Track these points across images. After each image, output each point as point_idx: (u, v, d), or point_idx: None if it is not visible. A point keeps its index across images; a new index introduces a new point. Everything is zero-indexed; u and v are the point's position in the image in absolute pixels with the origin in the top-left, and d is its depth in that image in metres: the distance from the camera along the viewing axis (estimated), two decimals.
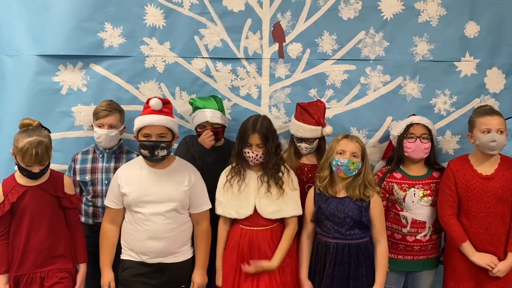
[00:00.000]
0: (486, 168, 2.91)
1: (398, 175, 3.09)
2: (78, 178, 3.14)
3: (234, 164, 2.90)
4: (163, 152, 2.78)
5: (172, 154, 2.93)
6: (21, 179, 2.74)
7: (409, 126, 3.10)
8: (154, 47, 3.35)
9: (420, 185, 3.06)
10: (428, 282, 3.15)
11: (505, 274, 2.87)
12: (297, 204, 2.88)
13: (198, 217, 2.91)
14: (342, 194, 2.85)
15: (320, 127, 3.14)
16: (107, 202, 2.90)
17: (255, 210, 2.84)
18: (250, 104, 3.44)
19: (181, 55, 3.37)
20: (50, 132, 2.78)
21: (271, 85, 3.43)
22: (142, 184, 2.82)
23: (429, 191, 3.05)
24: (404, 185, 3.05)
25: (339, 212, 2.79)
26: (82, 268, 2.89)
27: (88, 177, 3.14)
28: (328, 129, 3.15)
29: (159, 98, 2.82)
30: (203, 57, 3.38)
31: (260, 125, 2.83)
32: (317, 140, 3.16)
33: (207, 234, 2.94)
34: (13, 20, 3.25)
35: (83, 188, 3.17)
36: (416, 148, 3.05)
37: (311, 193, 2.91)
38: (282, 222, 2.89)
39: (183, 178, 2.86)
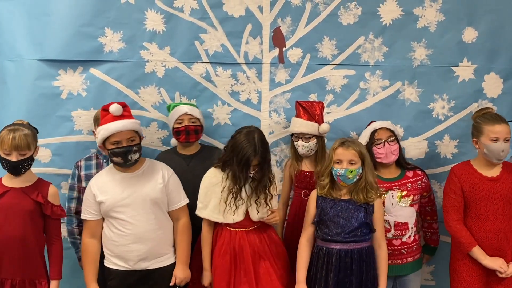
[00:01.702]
0: (491, 171, 2.92)
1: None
2: (84, 184, 3.09)
3: (232, 182, 2.84)
4: (136, 155, 2.80)
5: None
6: (7, 180, 2.72)
7: (373, 132, 3.12)
8: (154, 52, 3.35)
9: (397, 187, 3.08)
10: (417, 284, 3.18)
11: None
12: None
13: (178, 213, 2.92)
14: (346, 196, 2.84)
15: (316, 124, 3.15)
16: (84, 216, 2.86)
17: (246, 214, 2.86)
18: (250, 109, 3.45)
19: (181, 60, 3.38)
20: (37, 132, 2.79)
21: (271, 90, 3.45)
22: (117, 189, 2.81)
23: (406, 192, 3.08)
24: (381, 189, 3.04)
25: (344, 213, 2.79)
26: (53, 285, 2.78)
27: None
28: (324, 126, 3.16)
29: (117, 103, 2.80)
30: (203, 62, 3.39)
31: (260, 146, 2.77)
32: (315, 141, 3.16)
33: (188, 229, 2.94)
34: (15, 25, 3.25)
35: None
36: (386, 152, 3.07)
37: (313, 196, 2.90)
38: None
39: (157, 176, 2.87)
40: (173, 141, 3.33)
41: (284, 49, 3.42)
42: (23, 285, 2.71)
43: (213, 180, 2.87)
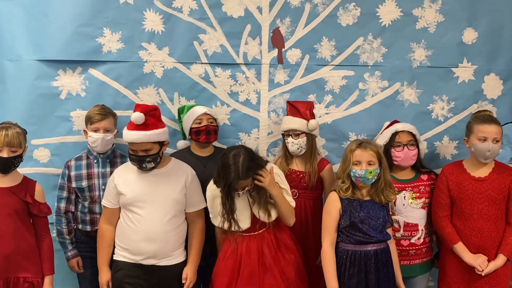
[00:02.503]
0: (480, 172, 2.94)
1: None
2: (74, 185, 3.11)
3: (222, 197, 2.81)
4: (150, 165, 2.83)
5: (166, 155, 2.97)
6: None
7: (395, 134, 3.12)
8: (153, 52, 3.35)
9: (410, 188, 3.09)
10: (423, 286, 3.18)
11: (493, 274, 2.89)
12: (289, 197, 2.88)
13: (194, 215, 2.95)
14: (367, 197, 2.81)
15: (305, 120, 3.14)
16: (104, 202, 2.94)
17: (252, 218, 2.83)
18: (249, 109, 3.45)
19: (180, 61, 3.37)
20: (26, 133, 2.81)
21: (270, 91, 3.44)
22: (139, 185, 2.85)
23: (418, 194, 3.09)
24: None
25: (372, 214, 2.75)
26: (47, 280, 2.79)
27: (84, 183, 3.12)
28: (312, 122, 3.13)
29: (142, 109, 2.77)
30: (202, 63, 3.39)
31: (245, 170, 2.67)
32: (305, 138, 3.13)
33: (202, 232, 2.98)
34: (14, 25, 3.25)
35: (79, 194, 3.14)
36: (405, 157, 3.08)
37: (334, 199, 2.79)
38: (274, 220, 2.86)
39: (180, 178, 2.90)
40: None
41: (283, 49, 3.42)
42: (17, 283, 2.71)
43: (214, 193, 2.85)
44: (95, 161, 3.16)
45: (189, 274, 2.91)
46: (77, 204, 3.17)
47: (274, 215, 2.83)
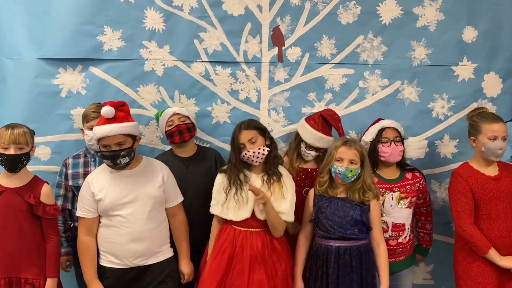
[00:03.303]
0: (490, 171, 2.92)
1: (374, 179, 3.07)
2: (71, 183, 3.10)
3: (230, 171, 2.89)
4: (125, 160, 2.77)
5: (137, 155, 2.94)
6: (2, 180, 2.73)
7: (381, 130, 3.12)
8: (153, 50, 3.36)
9: (397, 188, 3.09)
10: (410, 279, 3.21)
11: None
12: (290, 210, 2.85)
13: (174, 210, 2.95)
14: (342, 194, 2.87)
15: (332, 138, 3.17)
16: (79, 213, 2.83)
17: (253, 212, 2.84)
18: (249, 107, 3.45)
19: (181, 59, 3.38)
20: (34, 134, 2.82)
21: (270, 89, 3.45)
22: (116, 187, 2.80)
23: (405, 194, 3.09)
24: (381, 189, 3.06)
25: (340, 211, 2.81)
26: (49, 283, 2.76)
27: (81, 182, 3.06)
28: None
29: (111, 104, 2.76)
30: (202, 61, 3.39)
31: (247, 123, 2.89)
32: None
33: (185, 225, 2.99)
34: (14, 23, 3.26)
35: (76, 192, 3.10)
36: (392, 152, 3.08)
37: (311, 194, 2.93)
38: None
39: (156, 174, 2.88)
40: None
41: (283, 48, 3.42)
42: (19, 284, 2.71)
43: (224, 180, 2.89)
44: (93, 159, 3.15)
45: (185, 269, 2.94)
46: (74, 202, 3.14)
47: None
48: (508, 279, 2.89)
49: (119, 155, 2.74)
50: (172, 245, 2.98)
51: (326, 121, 3.17)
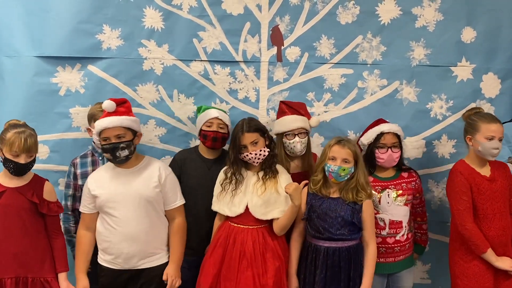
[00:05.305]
0: (485, 170, 2.96)
1: (370, 178, 3.07)
2: (80, 182, 3.09)
3: (229, 168, 2.94)
4: (124, 152, 2.77)
5: (139, 153, 2.94)
6: (3, 180, 2.72)
7: (380, 135, 3.10)
8: (152, 49, 3.35)
9: (392, 186, 3.10)
10: (410, 281, 3.20)
11: None
12: (285, 205, 2.86)
13: (173, 212, 2.93)
14: (335, 194, 2.88)
15: (306, 118, 3.16)
16: (81, 208, 2.89)
17: (247, 209, 2.86)
18: (248, 107, 3.45)
19: (180, 58, 3.37)
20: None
21: (269, 88, 3.45)
22: (112, 185, 2.82)
23: (401, 191, 3.09)
24: (377, 187, 3.07)
25: (331, 211, 2.82)
26: (61, 277, 2.79)
27: None
28: (315, 119, 3.19)
29: (113, 100, 2.79)
30: (201, 60, 3.39)
31: (248, 125, 2.89)
32: (307, 137, 3.14)
33: (182, 229, 2.95)
34: (13, 21, 3.25)
35: None
36: (388, 159, 3.08)
37: (304, 193, 2.92)
38: (271, 224, 2.90)
39: (152, 175, 2.86)
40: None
41: (282, 47, 3.42)
42: (26, 283, 2.71)
43: (223, 176, 2.95)
44: (100, 158, 3.15)
45: (170, 273, 2.84)
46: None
47: (270, 216, 2.86)
48: (504, 279, 2.92)
49: (118, 147, 2.75)
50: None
51: (288, 106, 3.18)
